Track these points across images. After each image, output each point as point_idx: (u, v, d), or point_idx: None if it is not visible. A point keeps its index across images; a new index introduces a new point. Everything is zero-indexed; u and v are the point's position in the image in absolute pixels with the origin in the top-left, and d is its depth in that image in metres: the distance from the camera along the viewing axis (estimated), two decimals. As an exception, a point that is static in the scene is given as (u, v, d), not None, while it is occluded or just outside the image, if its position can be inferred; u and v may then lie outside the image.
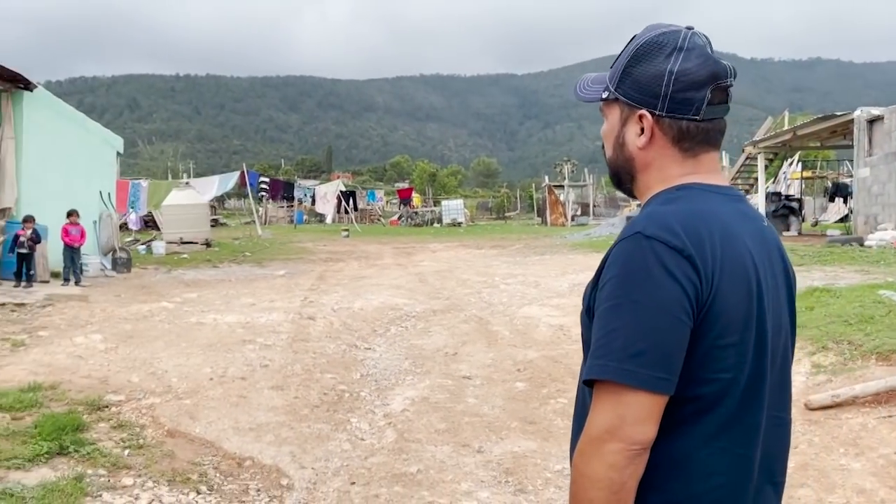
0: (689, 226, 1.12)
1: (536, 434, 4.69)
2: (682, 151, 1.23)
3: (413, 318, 8.53)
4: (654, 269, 1.09)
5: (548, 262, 15.55)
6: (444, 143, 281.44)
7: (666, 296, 1.08)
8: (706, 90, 1.19)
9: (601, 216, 38.45)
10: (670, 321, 1.08)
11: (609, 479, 1.07)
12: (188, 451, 4.23)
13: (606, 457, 1.07)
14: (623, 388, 1.07)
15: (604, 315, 1.11)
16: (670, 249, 1.09)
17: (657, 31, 1.24)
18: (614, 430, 1.07)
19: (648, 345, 1.07)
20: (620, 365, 1.07)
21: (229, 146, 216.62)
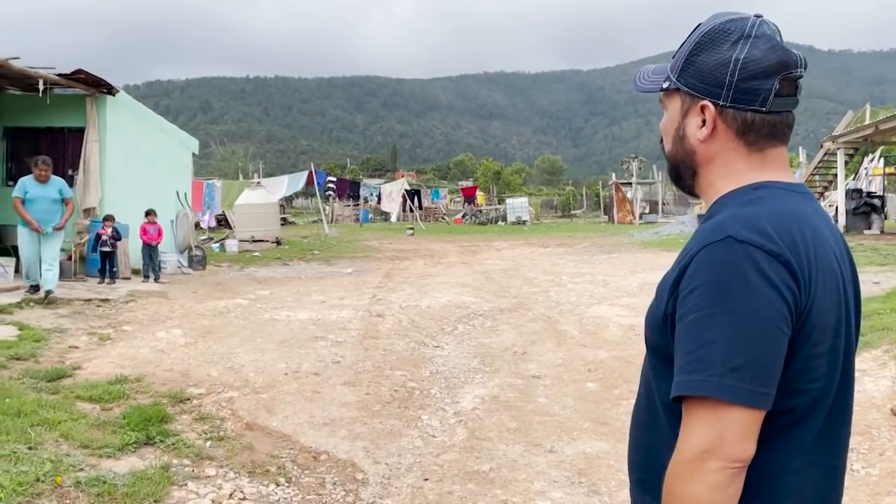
0: (781, 229, 1.07)
1: (609, 435, 4.63)
2: (747, 145, 1.17)
3: (480, 316, 8.54)
4: (751, 276, 1.03)
5: (616, 260, 15.32)
6: (507, 140, 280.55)
7: (765, 305, 1.02)
8: (774, 80, 1.13)
9: (670, 214, 37.61)
10: (771, 332, 1.03)
11: (712, 500, 1.02)
12: (266, 443, 4.35)
13: (708, 477, 1.02)
14: (722, 405, 1.02)
15: (694, 326, 1.05)
16: (767, 255, 1.04)
17: (723, 19, 1.19)
18: (714, 449, 1.02)
19: (749, 358, 1.02)
20: (721, 380, 1.01)
21: (297, 146, 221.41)
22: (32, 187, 8.53)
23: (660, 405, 1.18)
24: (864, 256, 11.84)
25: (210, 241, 19.57)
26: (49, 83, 10.75)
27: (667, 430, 1.15)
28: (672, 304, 1.11)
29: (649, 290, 7.96)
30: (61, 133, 12.35)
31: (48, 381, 5.16)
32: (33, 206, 8.46)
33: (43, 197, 8.57)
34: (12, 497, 3.16)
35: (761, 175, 1.17)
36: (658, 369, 1.18)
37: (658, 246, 18.96)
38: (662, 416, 1.17)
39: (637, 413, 1.29)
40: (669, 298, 1.12)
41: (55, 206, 8.65)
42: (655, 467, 1.16)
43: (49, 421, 4.17)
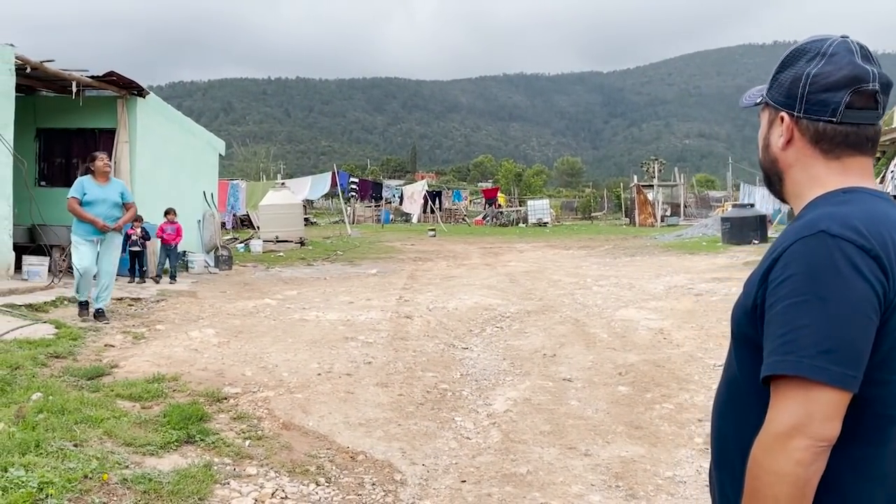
0: (871, 227, 1.14)
1: (643, 439, 4.63)
2: (822, 153, 1.26)
3: (507, 318, 8.55)
4: (844, 267, 1.10)
5: (639, 263, 15.26)
6: (527, 142, 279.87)
7: (856, 294, 1.09)
8: (844, 93, 1.22)
9: (692, 217, 37.36)
10: (861, 319, 1.09)
11: (795, 475, 1.08)
12: (304, 443, 4.40)
13: (794, 453, 1.08)
14: (812, 385, 1.08)
15: (786, 312, 1.12)
16: (858, 249, 1.11)
17: (808, 39, 1.30)
18: (802, 427, 1.08)
19: (839, 342, 1.08)
20: (812, 361, 1.08)
21: (317, 147, 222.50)
22: (91, 188, 7.59)
23: (744, 391, 1.25)
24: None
25: (235, 241, 19.76)
26: (82, 85, 10.93)
27: (750, 415, 1.21)
28: (762, 294, 1.19)
29: (676, 294, 7.99)
30: (92, 134, 12.56)
31: (88, 378, 5.26)
32: (92, 210, 7.51)
33: (103, 199, 7.60)
34: (62, 493, 3.23)
35: (844, 181, 1.25)
36: (744, 358, 1.26)
37: (681, 249, 18.86)
38: (746, 403, 1.24)
39: (717, 402, 1.37)
40: (759, 289, 1.20)
41: (115, 210, 7.70)
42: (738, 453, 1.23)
43: (92, 419, 4.25)
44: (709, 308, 8.51)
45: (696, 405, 5.22)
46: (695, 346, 6.78)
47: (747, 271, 11.89)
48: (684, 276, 11.93)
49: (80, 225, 7.56)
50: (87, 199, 7.53)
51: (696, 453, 4.40)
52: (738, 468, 1.23)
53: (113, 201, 7.71)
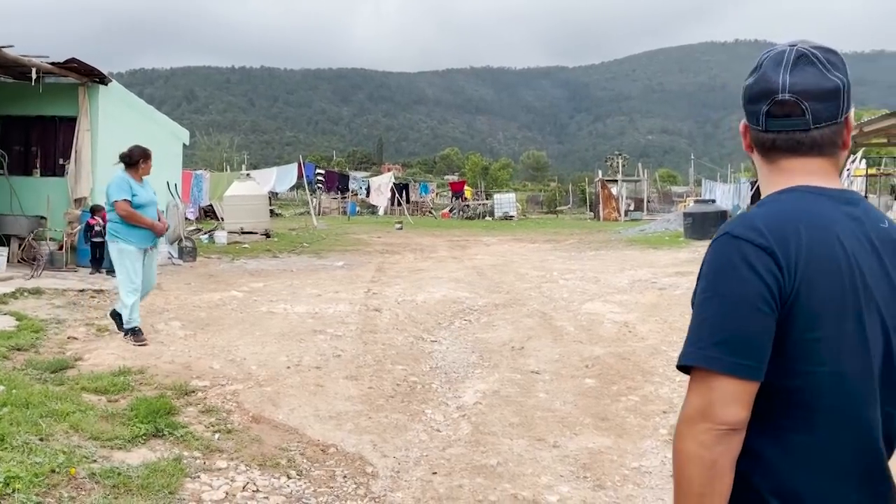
0: (775, 225, 1.22)
1: (610, 431, 4.72)
2: (762, 157, 1.36)
3: (475, 311, 8.61)
4: (738, 264, 1.20)
5: (604, 257, 15.46)
6: (493, 136, 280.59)
7: (748, 289, 1.18)
8: (762, 104, 1.31)
9: (655, 212, 37.92)
10: (752, 312, 1.18)
11: (700, 457, 1.17)
12: (274, 436, 4.39)
13: (697, 436, 1.18)
14: (711, 374, 1.17)
15: (697, 307, 1.24)
16: (753, 246, 1.20)
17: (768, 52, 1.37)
18: (704, 412, 1.18)
19: (731, 333, 1.17)
20: (706, 352, 1.18)
21: (282, 137, 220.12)
22: (138, 188, 6.48)
23: None
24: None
25: (198, 233, 19.48)
26: (41, 72, 10.66)
27: None
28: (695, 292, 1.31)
29: (640, 287, 8.14)
30: (52, 122, 12.25)
31: (51, 371, 5.17)
32: (143, 214, 6.44)
33: (150, 201, 6.58)
34: (29, 488, 3.18)
35: (786, 181, 1.32)
36: None
37: (644, 243, 19.13)
38: None
39: None
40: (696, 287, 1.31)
41: (155, 211, 6.71)
42: None
43: (57, 412, 4.19)
44: (672, 302, 8.68)
45: (661, 397, 5.33)
46: (659, 339, 6.92)
47: (709, 266, 12.27)
48: (648, 270, 12.12)
49: (133, 232, 6.35)
50: (137, 201, 6.40)
51: (661, 444, 4.50)
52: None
53: (154, 202, 6.73)
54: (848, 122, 1.32)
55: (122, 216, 6.32)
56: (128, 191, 6.37)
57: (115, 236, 6.40)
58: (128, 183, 6.43)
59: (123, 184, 6.42)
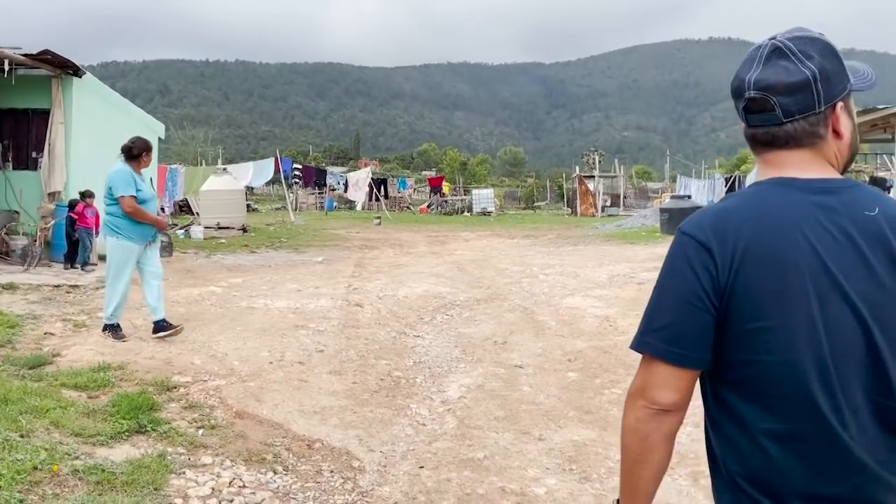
0: (718, 222, 1.27)
1: (594, 423, 4.75)
2: (752, 150, 1.40)
3: (457, 306, 8.61)
4: (678, 259, 1.29)
5: (582, 252, 15.55)
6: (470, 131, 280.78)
7: (685, 285, 1.26)
8: (740, 101, 1.35)
9: (631, 207, 38.21)
10: (686, 306, 1.26)
11: (635, 429, 1.31)
12: (259, 432, 4.36)
13: (635, 411, 1.30)
14: (649, 358, 1.29)
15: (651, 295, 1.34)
16: (695, 243, 1.27)
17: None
18: (641, 391, 1.30)
19: (665, 322, 1.28)
20: (644, 338, 1.30)
21: (257, 132, 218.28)
22: (140, 182, 6.26)
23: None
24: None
25: (175, 228, 19.26)
26: (14, 63, 10.45)
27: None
28: None
29: (619, 282, 8.19)
30: (25, 115, 12.01)
31: (30, 368, 5.08)
32: (147, 210, 6.30)
33: (151, 196, 6.43)
34: (12, 486, 3.13)
35: (765, 173, 1.35)
36: None
37: (621, 239, 19.28)
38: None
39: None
40: None
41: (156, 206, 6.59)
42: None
43: (38, 409, 4.11)
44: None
45: (644, 390, 5.38)
46: (640, 334, 6.97)
47: (687, 261, 12.36)
48: (626, 265, 12.21)
49: (136, 228, 6.14)
50: (141, 196, 6.18)
51: (645, 436, 4.54)
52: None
53: (155, 197, 6.51)
54: (835, 111, 1.30)
55: (129, 213, 6.05)
56: (133, 185, 6.11)
57: (115, 231, 6.13)
58: (132, 177, 6.16)
59: (129, 178, 6.13)
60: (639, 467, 1.32)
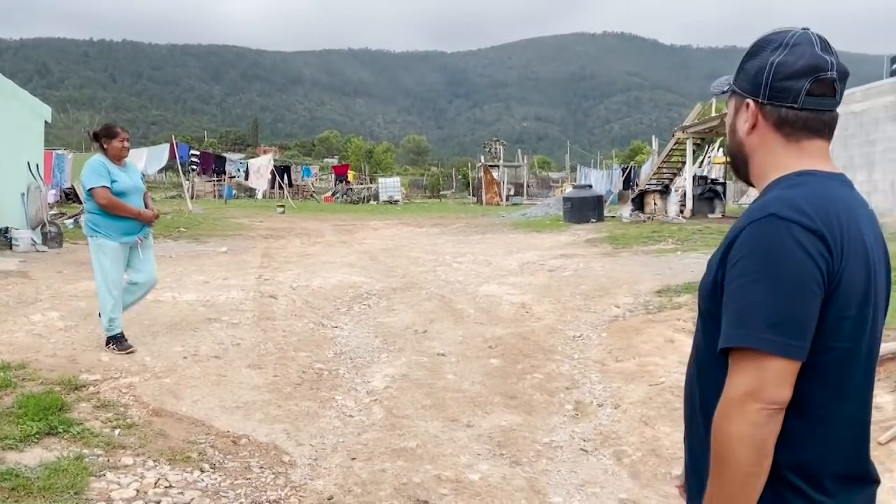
0: (818, 208, 1.24)
1: (519, 408, 4.85)
2: (784, 137, 1.35)
3: (374, 296, 8.56)
4: (791, 247, 1.20)
5: (490, 241, 15.78)
6: (372, 119, 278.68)
7: (802, 272, 1.20)
8: (805, 81, 1.30)
9: (534, 196, 39.08)
10: (805, 295, 1.20)
11: (752, 437, 1.19)
12: (180, 430, 4.19)
13: (749, 416, 1.19)
14: (763, 355, 1.19)
15: (741, 289, 1.22)
16: (804, 230, 1.21)
17: (771, 31, 1.37)
18: (755, 392, 1.19)
19: (786, 316, 1.19)
20: (762, 334, 1.19)
21: (147, 116, 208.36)
22: (117, 173, 5.57)
23: (710, 362, 1.34)
24: (713, 239, 12.93)
25: (62, 217, 18.11)
26: None
27: (715, 384, 1.30)
28: (721, 273, 1.29)
29: (530, 270, 8.39)
30: None
31: (-84, 370, 4.66)
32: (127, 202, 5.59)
33: (134, 188, 5.69)
34: (-88, 498, 2.88)
35: (802, 164, 1.34)
36: (709, 331, 1.35)
37: (528, 227, 19.69)
38: (711, 372, 1.34)
39: (688, 373, 1.47)
40: (719, 268, 1.30)
41: (142, 201, 5.81)
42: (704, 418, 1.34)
43: (-68, 414, 3.79)
44: (562, 283, 9.01)
45: (563, 374, 5.54)
46: (555, 319, 7.17)
47: (589, 248, 12.58)
48: (535, 253, 12.50)
49: (115, 224, 5.52)
50: (118, 188, 5.51)
51: (568, 419, 4.69)
52: (704, 433, 1.34)
53: (139, 188, 5.80)
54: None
55: (103, 205, 5.43)
56: (105, 176, 5.45)
57: (93, 230, 5.52)
58: (104, 167, 5.50)
59: (100, 168, 5.48)
60: (754, 480, 1.22)
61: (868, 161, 15.28)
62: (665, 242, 13.04)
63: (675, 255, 11.11)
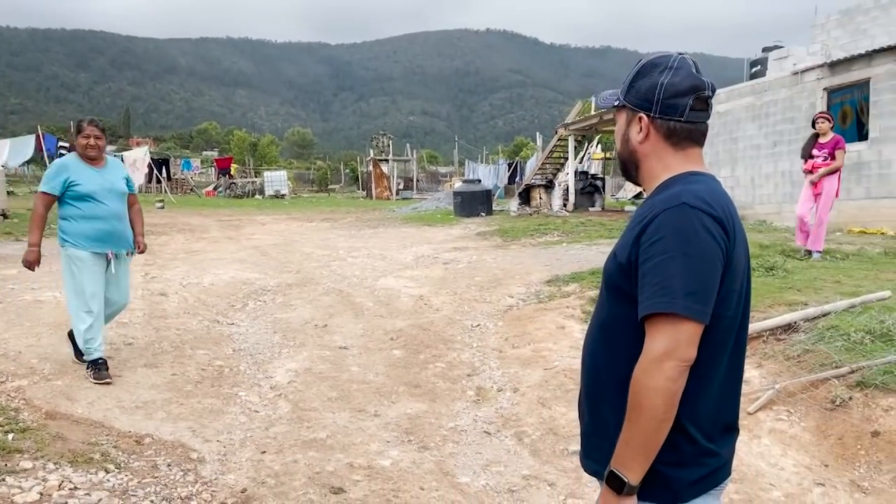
0: (715, 200, 1.49)
1: (424, 396, 5.01)
2: (672, 146, 1.61)
3: (269, 292, 8.46)
4: (700, 230, 1.43)
5: (383, 235, 15.87)
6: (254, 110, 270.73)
7: (709, 251, 1.43)
8: (688, 98, 1.56)
9: (424, 191, 39.41)
10: (712, 270, 1.44)
11: (666, 389, 1.40)
12: (78, 432, 4.05)
13: (666, 371, 1.40)
14: (680, 319, 1.40)
15: (661, 264, 1.43)
16: (709, 217, 1.45)
17: (656, 55, 1.63)
18: (672, 352, 1.40)
19: (698, 287, 1.41)
20: (682, 301, 1.40)
21: (5, 104, 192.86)
22: (83, 173, 4.87)
23: (617, 332, 1.57)
24: (595, 231, 13.60)
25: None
26: None
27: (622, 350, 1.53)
28: (635, 253, 1.50)
29: (425, 263, 8.62)
30: None
31: None
32: (91, 208, 4.86)
33: (108, 191, 4.93)
34: None
35: (687, 167, 1.61)
36: (617, 305, 1.57)
37: (419, 221, 19.90)
38: (618, 341, 1.56)
39: (589, 344, 1.67)
40: (632, 249, 1.51)
41: (124, 206, 5.12)
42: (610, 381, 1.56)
43: None
44: (458, 275, 9.25)
45: (464, 362, 5.75)
46: (452, 310, 7.38)
47: (481, 241, 12.89)
48: (428, 247, 12.70)
49: (83, 228, 4.86)
50: (80, 190, 4.81)
51: (471, 405, 4.89)
52: (610, 394, 1.56)
53: (119, 192, 5.03)
54: None
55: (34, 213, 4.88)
56: (53, 178, 4.81)
57: (62, 239, 4.91)
58: (62, 168, 4.85)
59: (54, 169, 4.87)
60: (664, 426, 1.42)
61: (731, 157, 16.55)
62: (551, 235, 13.60)
63: (562, 246, 11.63)
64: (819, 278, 6.79)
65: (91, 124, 5.00)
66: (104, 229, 4.92)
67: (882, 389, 3.90)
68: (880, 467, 3.53)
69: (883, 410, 3.82)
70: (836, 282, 6.57)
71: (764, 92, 15.73)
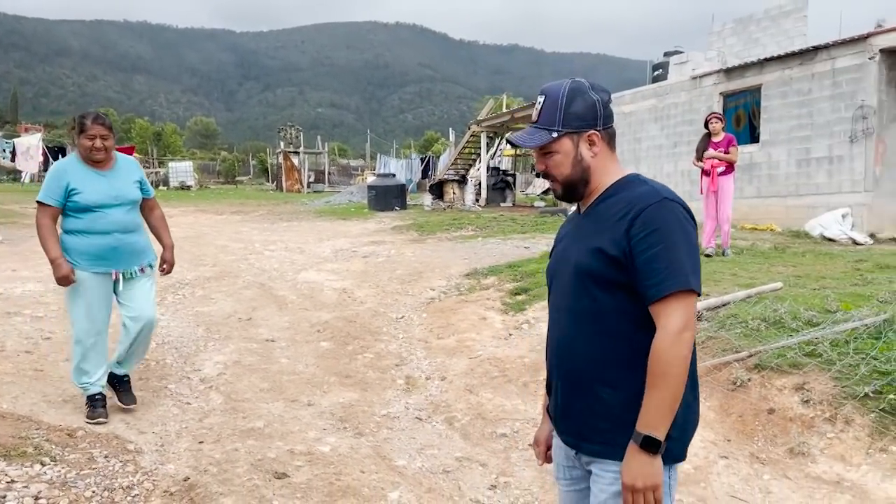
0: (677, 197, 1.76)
1: (355, 386, 5.16)
2: (612, 151, 1.85)
3: (187, 285, 8.34)
4: (683, 219, 1.69)
5: (298, 228, 15.78)
6: (153, 98, 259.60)
7: (693, 236, 1.70)
8: (610, 107, 1.83)
9: (335, 184, 39.11)
10: (698, 251, 1.71)
11: (686, 357, 1.63)
12: (5, 426, 3.97)
13: (687, 342, 1.62)
14: (691, 294, 1.64)
15: (664, 251, 1.63)
16: (683, 208, 1.72)
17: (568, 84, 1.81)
18: (688, 323, 1.62)
19: (697, 266, 1.68)
20: (692, 278, 1.64)
21: None
22: (83, 180, 4.05)
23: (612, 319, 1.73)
24: (508, 226, 14.02)
25: None
26: None
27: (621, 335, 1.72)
28: (627, 246, 1.67)
29: (344, 256, 8.81)
30: None
31: None
32: (94, 220, 4.06)
33: (114, 199, 4.11)
34: None
35: (620, 168, 1.85)
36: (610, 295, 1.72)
37: (333, 214, 19.86)
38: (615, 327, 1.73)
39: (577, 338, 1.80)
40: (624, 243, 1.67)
41: (134, 216, 4.30)
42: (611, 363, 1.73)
43: None
44: (378, 268, 9.39)
45: (392, 352, 5.93)
46: (377, 303, 7.53)
47: (398, 235, 13.08)
48: (345, 240, 12.76)
49: (81, 241, 4.08)
50: (82, 201, 4.03)
51: (401, 393, 5.08)
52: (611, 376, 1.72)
53: (130, 200, 4.20)
54: None
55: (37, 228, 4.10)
56: (53, 188, 4.03)
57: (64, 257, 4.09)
58: (63, 174, 4.06)
59: (54, 175, 4.07)
60: (684, 387, 1.63)
61: (636, 156, 17.40)
62: (466, 229, 13.91)
63: (478, 241, 11.96)
64: (718, 271, 7.36)
65: (96, 122, 4.08)
66: (107, 245, 4.12)
67: (776, 371, 4.35)
68: (775, 440, 3.96)
69: (777, 390, 4.27)
70: (733, 274, 7.14)
71: (666, 95, 16.63)
